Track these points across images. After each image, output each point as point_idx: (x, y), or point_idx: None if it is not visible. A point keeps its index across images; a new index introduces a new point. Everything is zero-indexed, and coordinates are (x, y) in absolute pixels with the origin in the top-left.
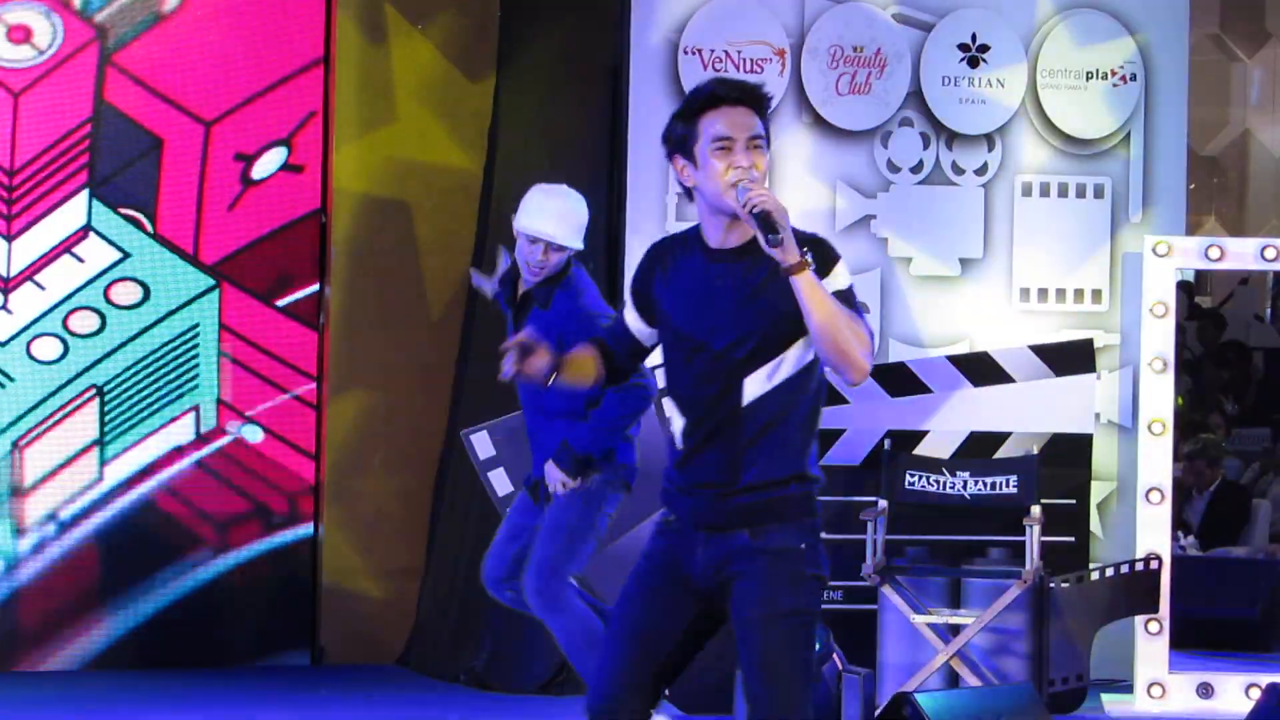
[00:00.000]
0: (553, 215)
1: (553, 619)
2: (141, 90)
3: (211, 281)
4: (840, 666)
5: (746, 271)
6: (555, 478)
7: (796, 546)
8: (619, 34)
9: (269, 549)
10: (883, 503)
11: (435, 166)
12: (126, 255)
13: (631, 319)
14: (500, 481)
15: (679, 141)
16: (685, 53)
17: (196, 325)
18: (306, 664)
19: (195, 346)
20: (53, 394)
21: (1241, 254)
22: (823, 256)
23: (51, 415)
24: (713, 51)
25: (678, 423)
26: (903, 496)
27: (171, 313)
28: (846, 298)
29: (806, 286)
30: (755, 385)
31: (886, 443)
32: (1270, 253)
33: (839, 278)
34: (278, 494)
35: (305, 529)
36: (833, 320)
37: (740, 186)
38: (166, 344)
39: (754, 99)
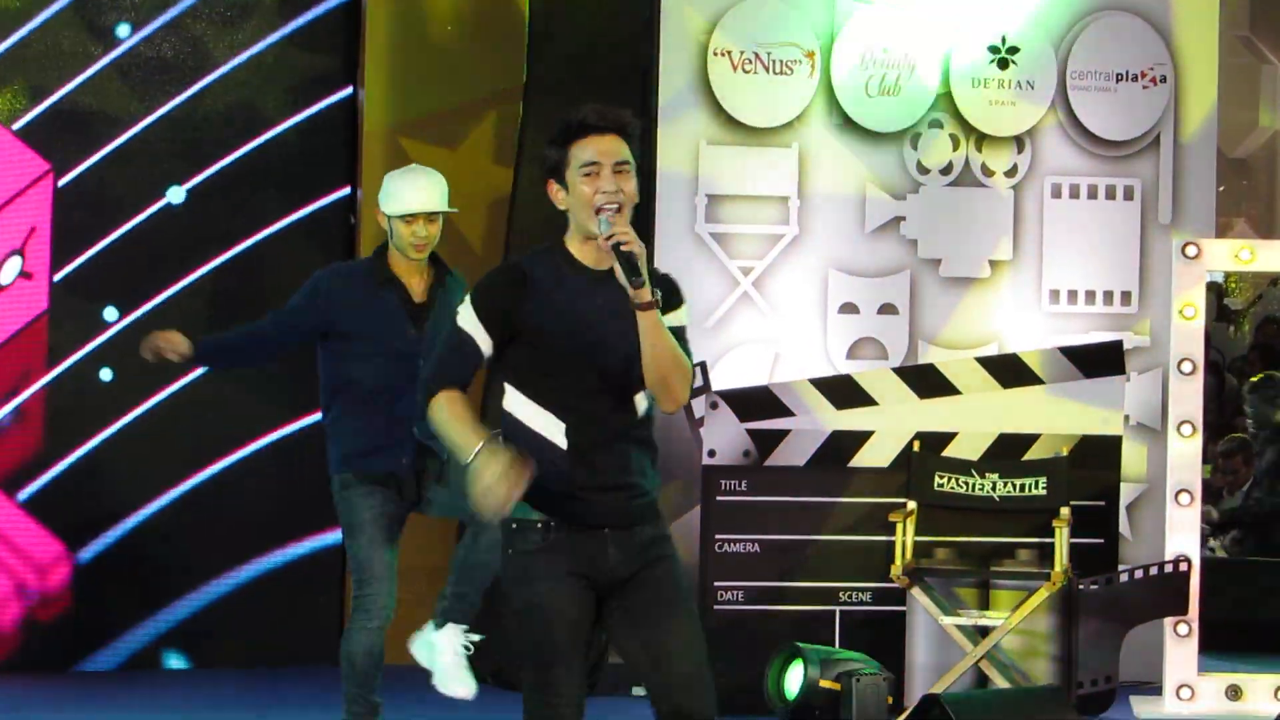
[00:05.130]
0: (427, 188)
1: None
2: None
3: None
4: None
5: (624, 296)
6: None
7: (670, 533)
8: (649, 36)
9: (299, 552)
10: (911, 504)
11: (468, 171)
12: None
13: (483, 340)
14: None
15: (553, 167)
16: (715, 55)
17: None
18: (333, 665)
19: None
20: None
21: (1272, 256)
22: (671, 296)
23: None
24: (742, 53)
25: (556, 431)
26: (931, 498)
27: None
28: (678, 333)
29: (651, 324)
30: (642, 401)
31: (915, 444)
32: None
33: (679, 317)
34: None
35: (334, 533)
36: (668, 357)
37: (603, 219)
38: None
39: (622, 128)
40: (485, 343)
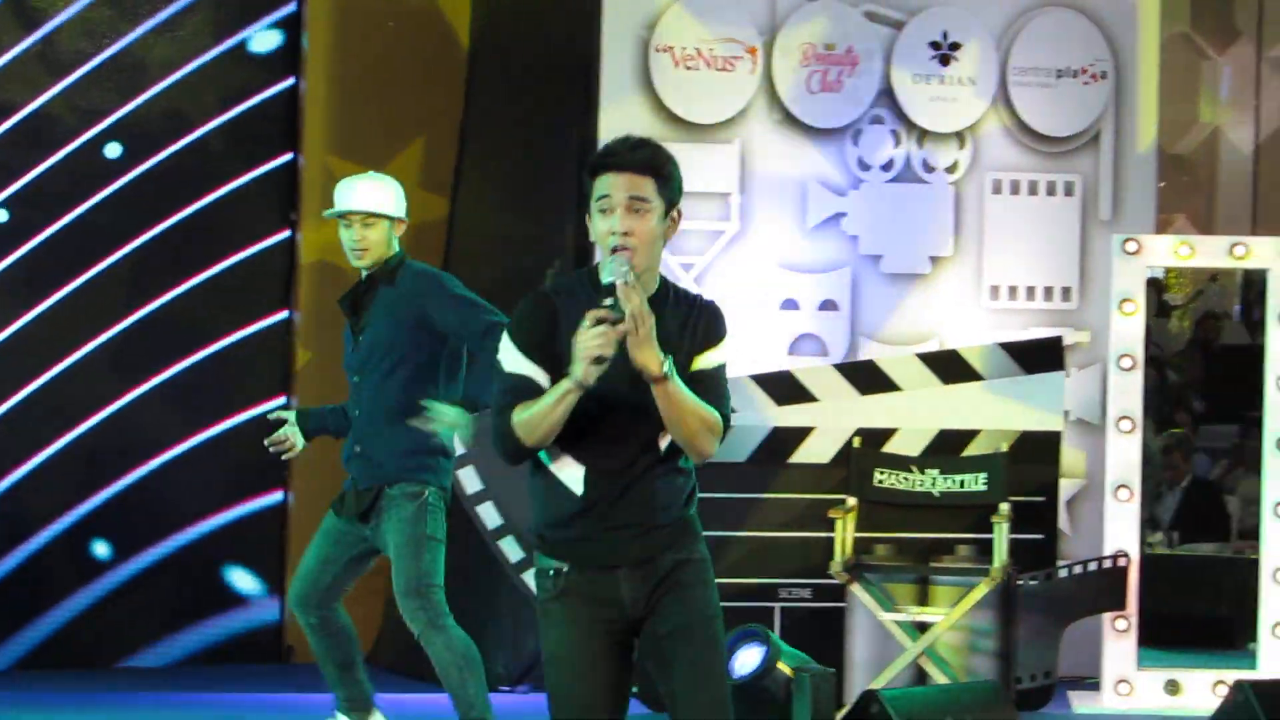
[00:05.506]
0: (364, 190)
1: (432, 638)
2: None
3: None
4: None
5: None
6: None
7: (707, 556)
8: (591, 31)
9: (239, 548)
10: (851, 500)
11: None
12: None
13: (539, 374)
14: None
15: (585, 198)
16: (657, 50)
17: None
18: (275, 662)
19: None
20: None
21: (1211, 252)
22: (709, 331)
23: None
24: (684, 49)
25: (574, 475)
26: (872, 494)
27: None
28: (715, 375)
29: (662, 395)
30: (665, 439)
31: (856, 440)
32: (1240, 250)
33: (718, 354)
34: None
35: (275, 517)
36: (688, 422)
37: (609, 265)
38: None
39: (642, 164)
40: (542, 375)
